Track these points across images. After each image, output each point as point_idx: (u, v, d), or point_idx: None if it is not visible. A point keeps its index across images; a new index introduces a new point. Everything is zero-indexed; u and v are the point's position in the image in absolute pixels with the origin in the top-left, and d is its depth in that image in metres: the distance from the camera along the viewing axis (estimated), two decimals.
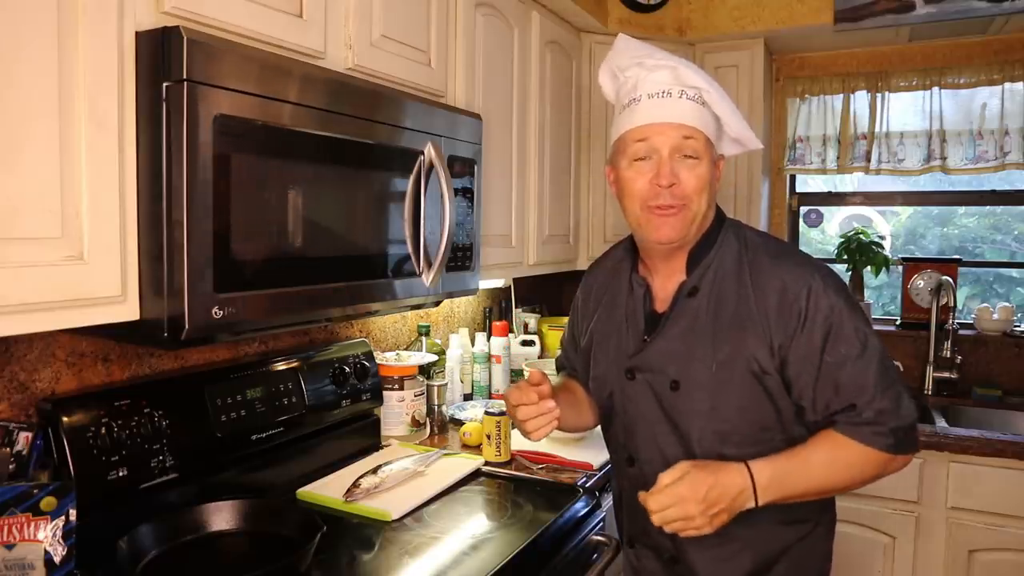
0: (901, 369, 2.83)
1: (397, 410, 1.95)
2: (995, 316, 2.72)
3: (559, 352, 1.59)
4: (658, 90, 1.18)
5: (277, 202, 1.18)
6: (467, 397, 2.43)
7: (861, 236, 2.93)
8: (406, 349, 2.18)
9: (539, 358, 2.58)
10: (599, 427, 1.84)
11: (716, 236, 1.25)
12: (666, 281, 1.27)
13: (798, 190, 3.17)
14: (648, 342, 1.25)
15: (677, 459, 1.19)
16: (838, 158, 2.93)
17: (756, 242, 1.25)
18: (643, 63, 1.21)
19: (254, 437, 1.52)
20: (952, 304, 2.65)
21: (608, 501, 1.75)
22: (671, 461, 1.20)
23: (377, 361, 1.92)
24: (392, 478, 1.60)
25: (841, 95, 2.91)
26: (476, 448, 1.90)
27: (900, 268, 2.93)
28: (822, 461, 1.15)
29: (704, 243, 1.24)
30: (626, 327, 1.30)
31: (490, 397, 2.45)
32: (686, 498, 1.07)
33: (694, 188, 1.17)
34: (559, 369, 1.59)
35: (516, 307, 2.78)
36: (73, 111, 0.95)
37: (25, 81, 0.90)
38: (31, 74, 0.91)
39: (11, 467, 1.15)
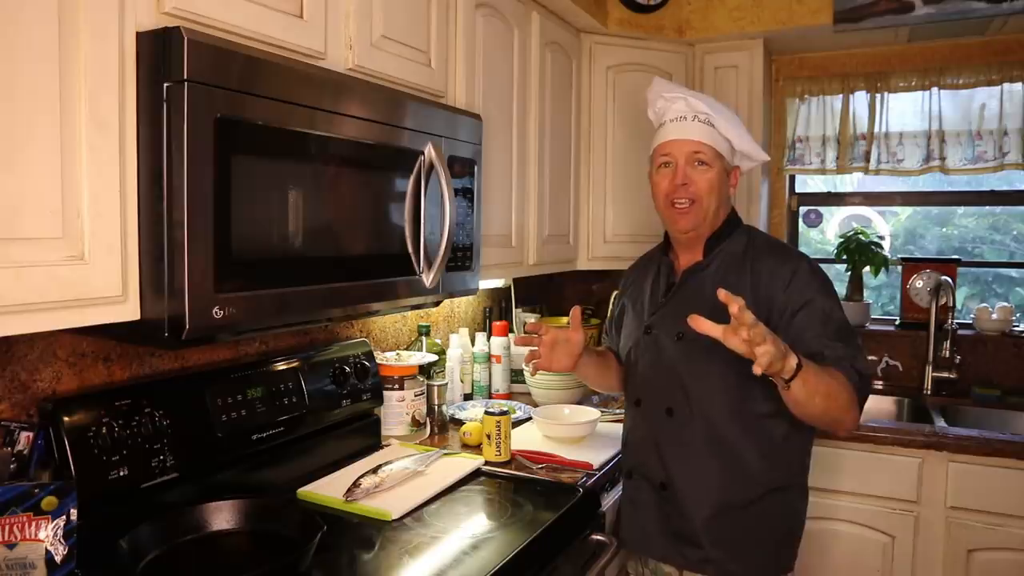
0: (900, 369, 2.84)
1: (397, 410, 1.95)
2: (994, 316, 2.72)
3: (606, 328, 1.92)
4: (677, 116, 1.55)
5: (277, 202, 1.18)
6: (467, 397, 2.43)
7: (860, 236, 2.94)
8: (406, 349, 2.18)
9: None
10: (598, 427, 2.01)
11: (731, 231, 1.58)
12: (686, 262, 1.59)
13: (797, 190, 3.17)
14: (664, 303, 1.58)
15: (674, 399, 1.51)
16: (837, 158, 2.93)
17: (761, 240, 1.59)
18: (664, 96, 1.59)
19: (254, 437, 1.52)
20: (951, 304, 2.65)
21: (608, 501, 1.75)
22: (669, 400, 1.52)
23: (377, 361, 1.92)
24: (392, 478, 1.60)
25: (840, 95, 2.91)
26: (476, 448, 1.90)
27: (899, 268, 2.93)
28: (824, 373, 1.32)
29: (719, 235, 1.57)
30: (649, 296, 1.64)
31: (490, 397, 2.46)
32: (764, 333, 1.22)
33: (704, 188, 1.52)
34: (604, 339, 1.92)
35: (516, 307, 2.79)
36: (74, 111, 0.96)
37: (26, 81, 0.90)
38: (32, 74, 0.91)
39: (12, 467, 1.15)
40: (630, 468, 1.62)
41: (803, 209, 3.16)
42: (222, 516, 1.34)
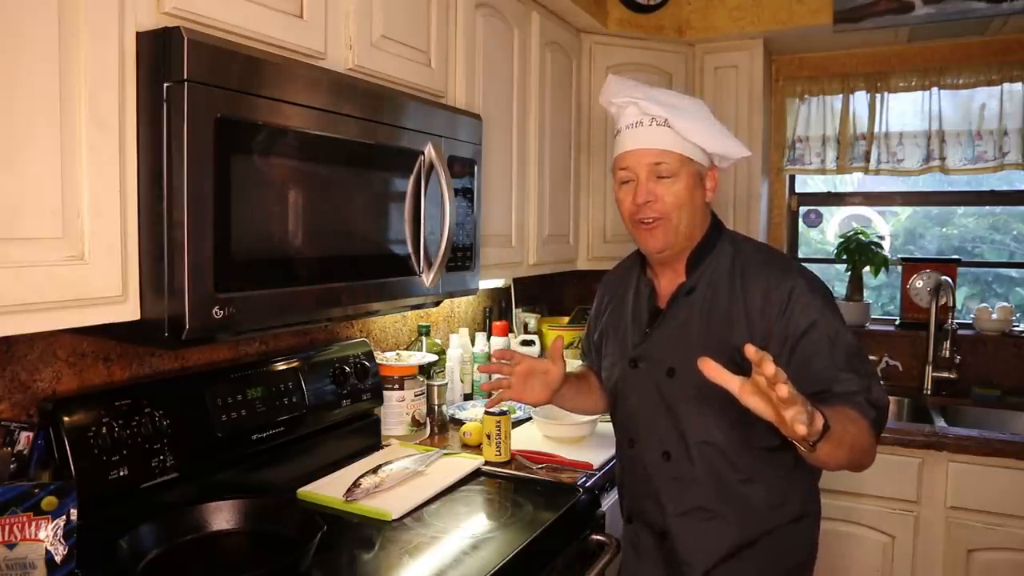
0: (900, 369, 2.84)
1: (397, 410, 1.95)
2: (994, 316, 2.72)
3: (582, 342, 1.75)
4: (631, 121, 1.34)
5: (277, 202, 1.18)
6: (467, 397, 2.43)
7: (860, 236, 2.94)
8: (406, 349, 2.18)
9: (539, 357, 2.58)
10: (598, 427, 2.00)
11: (714, 244, 1.39)
12: (669, 283, 1.42)
13: (797, 190, 3.17)
14: (649, 334, 1.41)
15: (670, 441, 1.36)
16: (837, 158, 2.93)
17: (748, 250, 1.39)
18: (613, 101, 1.38)
19: (254, 437, 1.52)
20: (951, 304, 2.65)
21: (608, 501, 1.75)
22: (665, 443, 1.37)
23: (377, 361, 1.92)
24: (392, 478, 1.60)
25: (840, 95, 2.91)
26: (476, 448, 1.90)
27: (899, 268, 2.93)
28: (844, 420, 1.14)
29: (702, 250, 1.39)
30: (632, 322, 1.46)
31: (490, 397, 2.45)
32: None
33: (671, 204, 1.32)
34: (582, 359, 1.74)
35: (516, 307, 2.79)
36: (74, 111, 0.96)
37: (26, 81, 0.90)
38: (32, 74, 0.91)
39: (12, 467, 1.15)
40: (629, 512, 1.50)
41: (803, 209, 3.16)
42: (222, 516, 1.35)
